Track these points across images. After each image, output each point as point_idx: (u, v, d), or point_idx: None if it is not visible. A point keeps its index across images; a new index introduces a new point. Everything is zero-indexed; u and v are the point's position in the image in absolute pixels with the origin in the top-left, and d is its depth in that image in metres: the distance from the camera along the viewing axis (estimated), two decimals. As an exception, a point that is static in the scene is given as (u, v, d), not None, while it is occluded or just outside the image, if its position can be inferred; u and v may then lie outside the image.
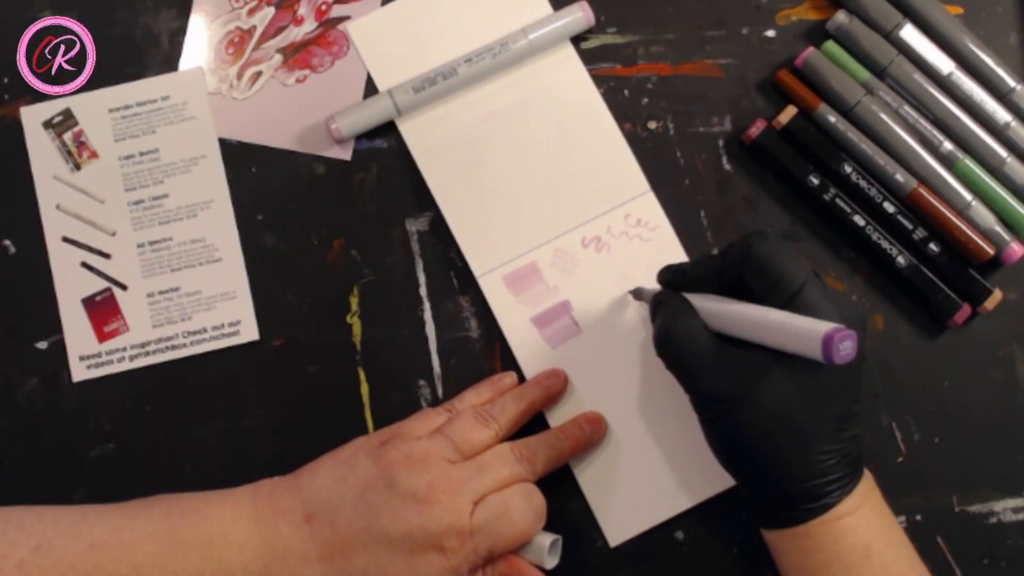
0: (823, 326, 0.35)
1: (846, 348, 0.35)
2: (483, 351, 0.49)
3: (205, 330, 0.49)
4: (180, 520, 0.41)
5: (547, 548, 0.45)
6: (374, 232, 0.50)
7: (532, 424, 0.48)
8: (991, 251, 0.48)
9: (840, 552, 0.40)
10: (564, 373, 0.48)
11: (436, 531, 0.41)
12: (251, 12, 0.52)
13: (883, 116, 0.49)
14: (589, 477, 0.48)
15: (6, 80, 0.51)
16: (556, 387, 0.48)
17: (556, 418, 0.48)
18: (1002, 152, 0.49)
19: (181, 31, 0.51)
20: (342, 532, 0.41)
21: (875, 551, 0.40)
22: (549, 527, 0.45)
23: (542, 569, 0.45)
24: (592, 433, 0.47)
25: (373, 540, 0.41)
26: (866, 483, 0.41)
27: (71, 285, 0.49)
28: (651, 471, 0.48)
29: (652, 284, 0.49)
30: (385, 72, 0.51)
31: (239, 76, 0.51)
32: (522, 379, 0.49)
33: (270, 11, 0.52)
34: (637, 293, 0.48)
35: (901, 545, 0.41)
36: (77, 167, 0.50)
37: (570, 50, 0.51)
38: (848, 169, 0.48)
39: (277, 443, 0.49)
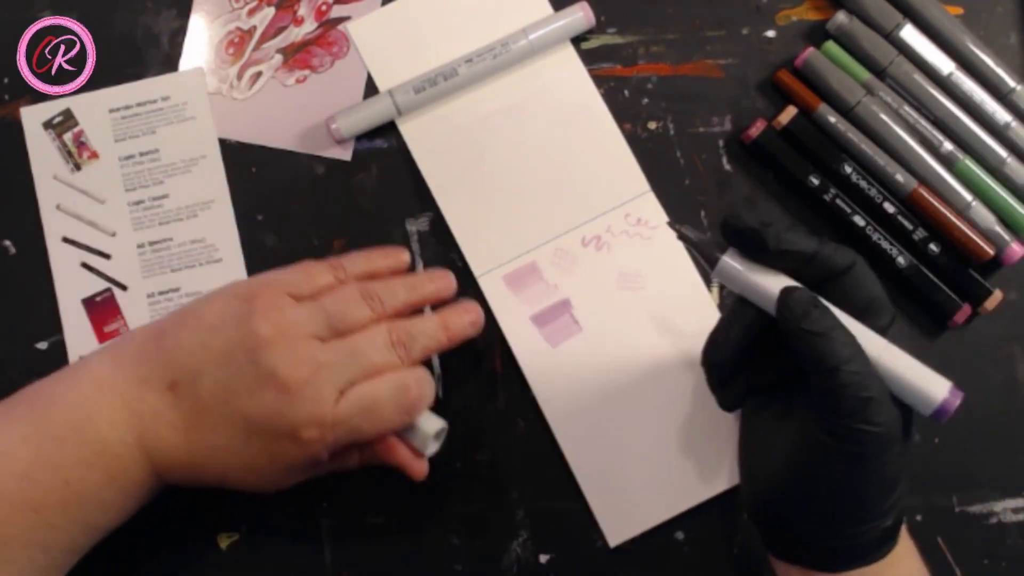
0: (941, 389, 0.36)
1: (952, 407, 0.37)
2: (483, 351, 0.49)
3: (205, 330, 0.49)
4: (44, 414, 0.40)
5: (431, 437, 0.42)
6: (374, 232, 0.50)
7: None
8: (991, 251, 0.48)
9: None
10: (453, 279, 0.45)
11: (295, 421, 0.38)
12: (251, 12, 0.52)
13: (883, 116, 0.49)
14: (589, 477, 0.48)
15: (6, 80, 0.51)
16: (446, 291, 0.45)
17: (556, 417, 0.48)
18: (1002, 152, 0.49)
19: (181, 31, 0.51)
20: (203, 403, 0.39)
21: None
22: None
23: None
24: (471, 324, 0.44)
25: (231, 418, 0.39)
26: (904, 544, 0.40)
27: (71, 285, 0.49)
28: (651, 471, 0.48)
29: (657, 283, 0.49)
30: (385, 72, 0.51)
31: (239, 76, 0.51)
32: (520, 377, 0.48)
33: (270, 11, 0.52)
34: (690, 238, 0.39)
35: None
36: (77, 167, 0.50)
37: (570, 50, 0.51)
38: (848, 169, 0.48)
39: (277, 443, 0.49)
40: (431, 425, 0.42)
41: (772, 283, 0.38)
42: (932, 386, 0.36)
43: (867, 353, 0.36)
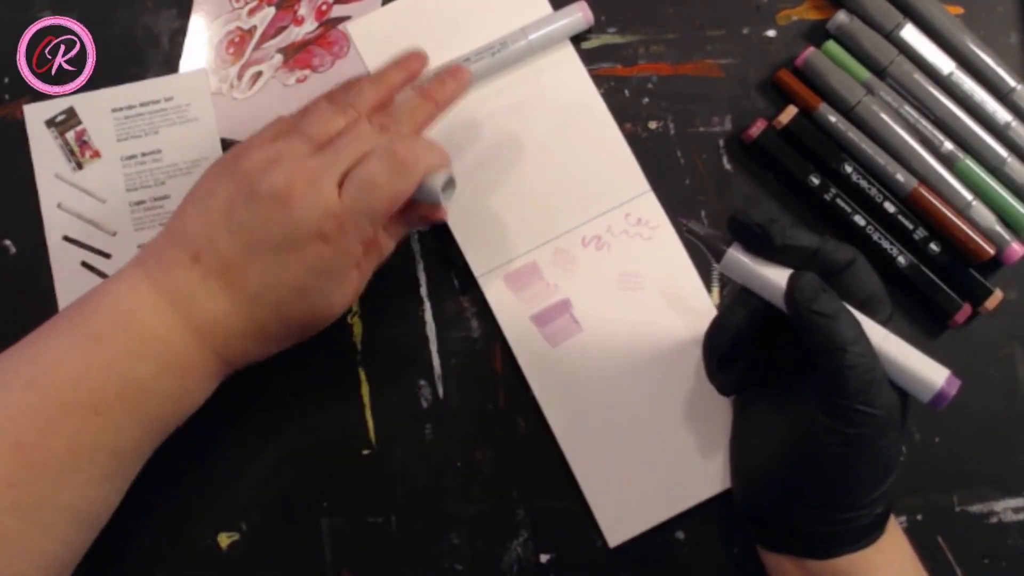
0: (939, 376, 0.37)
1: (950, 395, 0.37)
2: (483, 351, 0.49)
3: (205, 330, 0.49)
4: (87, 321, 0.40)
5: (440, 188, 0.43)
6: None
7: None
8: (991, 251, 0.48)
9: None
10: (425, 54, 0.46)
11: (309, 221, 0.39)
12: (251, 12, 0.52)
13: (883, 116, 0.49)
14: (589, 477, 0.48)
15: (6, 80, 0.51)
16: (416, 66, 0.46)
17: (556, 417, 0.48)
18: (1002, 152, 0.49)
19: (181, 31, 0.51)
20: (229, 258, 0.40)
21: None
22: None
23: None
24: (458, 87, 0.46)
25: (258, 252, 0.40)
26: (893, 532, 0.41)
27: (71, 285, 0.49)
28: (651, 471, 0.48)
29: (657, 283, 0.49)
30: (385, 72, 0.51)
31: (239, 76, 0.51)
32: (520, 377, 0.49)
33: (270, 11, 0.52)
34: (697, 232, 0.41)
35: None
36: (79, 166, 0.50)
37: (570, 50, 0.51)
38: (848, 169, 0.48)
39: (277, 443, 0.49)
40: (436, 181, 0.43)
41: (777, 274, 0.39)
42: (931, 373, 0.37)
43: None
